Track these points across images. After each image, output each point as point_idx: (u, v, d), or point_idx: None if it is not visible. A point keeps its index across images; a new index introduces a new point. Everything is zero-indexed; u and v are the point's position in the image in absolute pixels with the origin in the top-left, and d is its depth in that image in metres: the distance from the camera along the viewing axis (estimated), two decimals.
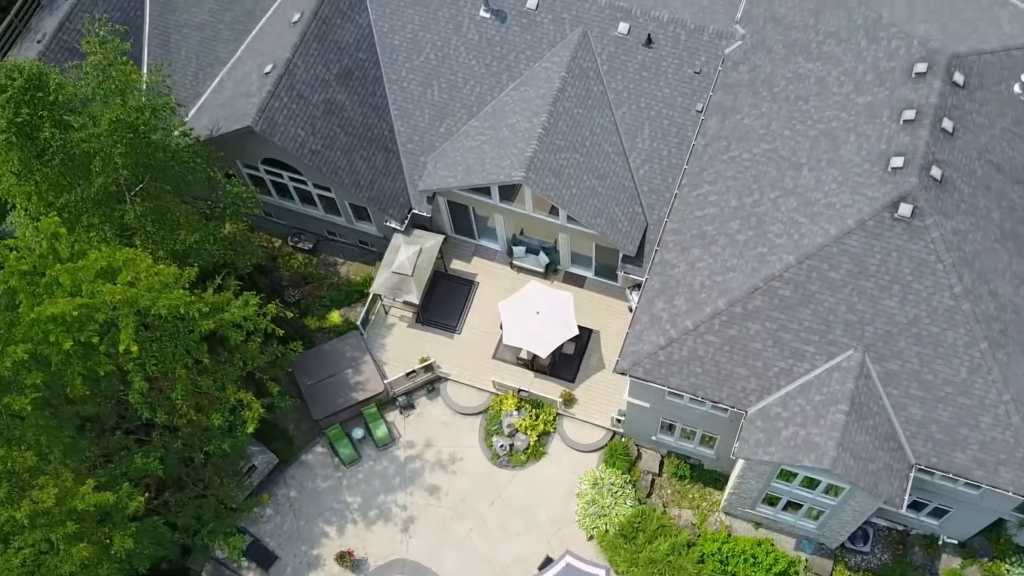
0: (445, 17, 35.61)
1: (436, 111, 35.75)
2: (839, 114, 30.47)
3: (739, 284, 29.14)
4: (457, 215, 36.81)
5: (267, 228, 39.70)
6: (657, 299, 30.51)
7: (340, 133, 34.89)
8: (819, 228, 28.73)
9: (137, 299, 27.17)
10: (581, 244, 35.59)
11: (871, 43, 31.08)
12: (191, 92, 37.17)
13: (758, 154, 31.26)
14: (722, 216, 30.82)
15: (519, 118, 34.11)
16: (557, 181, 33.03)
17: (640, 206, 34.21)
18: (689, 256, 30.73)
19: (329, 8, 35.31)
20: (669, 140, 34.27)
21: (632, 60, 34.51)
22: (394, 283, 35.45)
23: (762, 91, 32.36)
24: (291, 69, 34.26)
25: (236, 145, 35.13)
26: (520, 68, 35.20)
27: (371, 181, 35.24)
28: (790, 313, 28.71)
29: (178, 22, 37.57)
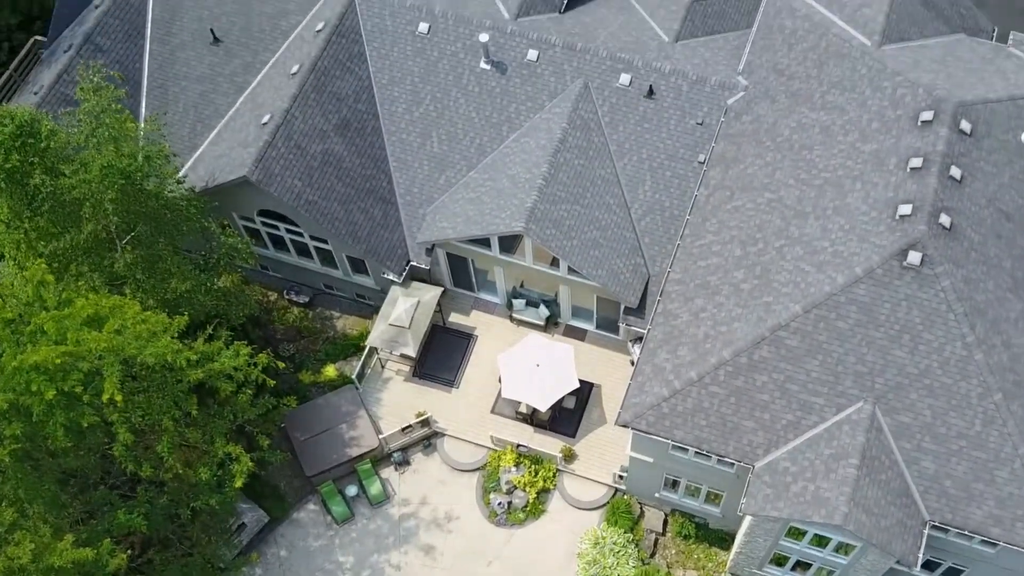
0: (445, 69, 35.37)
1: (435, 163, 35.32)
2: (845, 162, 29.99)
3: (744, 334, 28.35)
4: (456, 267, 36.16)
5: (262, 281, 39.06)
6: (660, 350, 29.70)
7: (337, 184, 34.41)
8: (826, 277, 28.04)
9: (123, 347, 26.35)
10: (582, 296, 34.88)
11: (875, 92, 30.72)
12: (188, 144, 36.79)
13: (762, 203, 30.72)
14: (726, 266, 30.15)
15: (519, 169, 33.66)
16: (558, 232, 32.44)
17: (642, 258, 33.58)
18: (693, 306, 30.00)
19: (328, 60, 35.07)
20: (671, 191, 33.77)
21: (634, 111, 34.17)
22: (391, 336, 34.66)
23: (766, 141, 31.94)
24: (288, 119, 33.89)
25: (232, 196, 34.63)
26: (520, 120, 34.86)
27: (369, 233, 34.66)
28: (797, 364, 27.89)
29: (177, 75, 37.34)
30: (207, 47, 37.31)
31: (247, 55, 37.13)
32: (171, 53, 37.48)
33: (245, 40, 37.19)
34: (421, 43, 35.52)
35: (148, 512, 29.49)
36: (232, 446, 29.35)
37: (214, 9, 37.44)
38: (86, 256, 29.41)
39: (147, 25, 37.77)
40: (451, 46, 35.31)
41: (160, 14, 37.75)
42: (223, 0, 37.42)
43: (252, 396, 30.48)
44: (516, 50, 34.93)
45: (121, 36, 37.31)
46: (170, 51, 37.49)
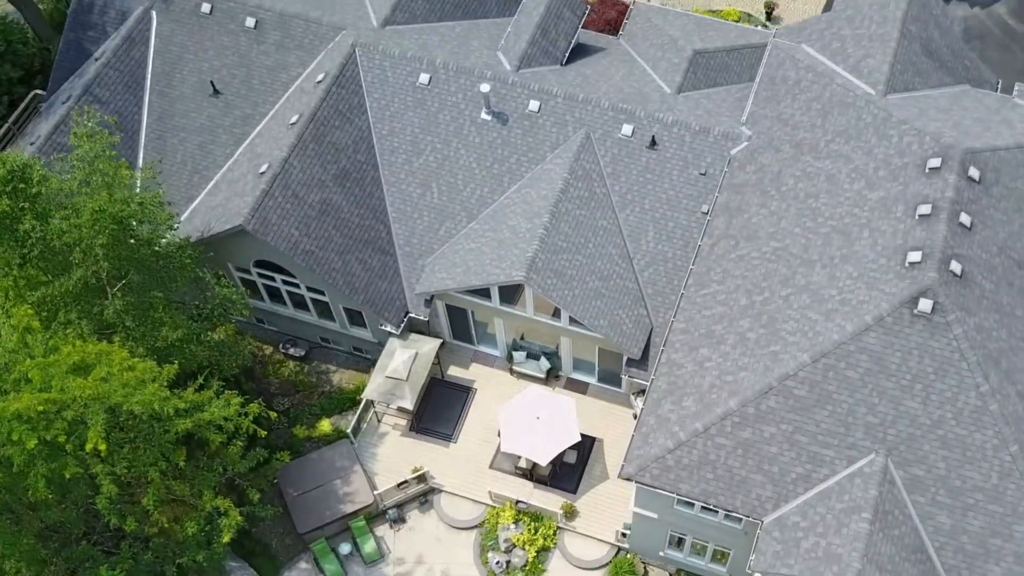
0: (446, 120, 35.06)
1: (435, 213, 34.83)
2: (852, 210, 29.46)
3: (751, 384, 27.53)
4: (455, 319, 35.45)
5: (258, 335, 38.33)
6: (664, 400, 28.85)
7: (335, 234, 33.87)
8: (835, 325, 27.32)
9: (109, 395, 25.49)
10: (584, 348, 34.11)
11: (881, 140, 30.33)
12: (185, 195, 36.37)
13: (767, 252, 30.12)
14: (731, 315, 29.45)
15: (520, 219, 33.14)
16: (559, 282, 31.79)
17: (645, 308, 32.88)
18: (697, 356, 29.21)
19: (328, 110, 34.78)
20: (674, 242, 33.20)
21: (636, 162, 33.76)
22: (388, 388, 33.80)
23: (770, 190, 31.47)
24: (286, 169, 33.47)
25: (228, 246, 34.10)
26: (522, 170, 34.45)
27: (367, 283, 34.01)
28: (806, 415, 27.02)
29: (176, 126, 37.08)
30: (207, 99, 37.10)
31: (247, 107, 36.89)
32: (170, 105, 37.26)
33: (245, 92, 36.99)
34: (421, 94, 35.28)
35: (132, 569, 28.44)
36: (221, 500, 28.34)
37: (214, 62, 37.31)
38: (75, 303, 28.68)
39: (147, 77, 37.61)
40: (452, 97, 35.06)
41: (161, 67, 37.62)
42: (224, 52, 37.31)
43: (243, 448, 29.55)
44: (517, 101, 34.66)
45: (120, 88, 37.12)
46: (169, 103, 37.28)
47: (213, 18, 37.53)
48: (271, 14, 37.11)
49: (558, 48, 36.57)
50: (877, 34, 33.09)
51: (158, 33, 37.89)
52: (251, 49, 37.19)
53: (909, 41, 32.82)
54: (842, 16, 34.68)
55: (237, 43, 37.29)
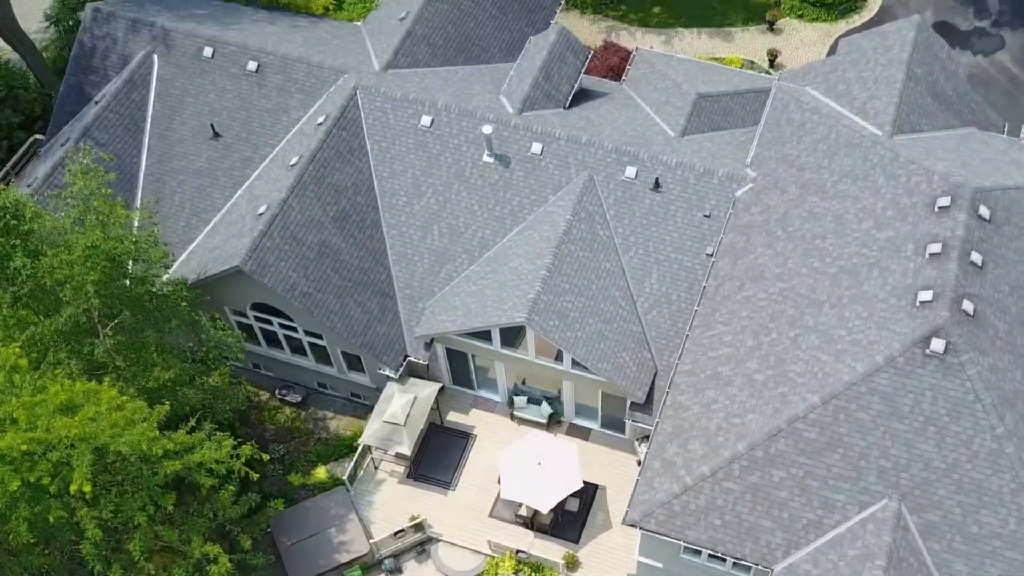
0: (448, 162, 34.70)
1: (436, 256, 34.30)
2: (860, 250, 28.91)
3: (759, 426, 26.73)
4: (455, 363, 34.74)
5: (254, 380, 37.59)
6: (670, 444, 28.02)
7: (334, 276, 33.30)
8: (845, 366, 26.60)
9: (96, 435, 24.68)
10: (586, 393, 33.33)
11: (889, 180, 29.89)
12: (183, 238, 35.91)
13: (774, 293, 29.50)
14: (738, 356, 28.74)
15: (522, 261, 32.60)
16: (561, 324, 31.14)
17: (649, 351, 32.17)
18: (704, 398, 28.45)
19: (328, 152, 34.44)
20: (678, 284, 32.60)
21: (639, 204, 33.31)
22: (385, 433, 32.97)
23: (776, 231, 30.95)
24: (285, 210, 33.02)
25: (225, 288, 33.54)
26: (524, 213, 33.99)
27: (365, 326, 33.37)
28: (817, 458, 26.18)
29: (175, 169, 36.74)
30: (207, 142, 36.82)
31: (247, 149, 36.59)
32: (169, 148, 36.98)
33: (245, 135, 36.71)
34: (423, 136, 34.96)
35: None
36: (211, 546, 27.36)
37: (215, 105, 37.10)
38: (65, 342, 27.97)
39: (147, 120, 37.39)
40: (454, 139, 34.73)
41: (161, 110, 37.41)
42: (224, 96, 37.11)
43: (235, 493, 28.65)
44: (520, 143, 34.32)
45: (120, 131, 36.86)
46: (168, 146, 37.00)
47: (215, 62, 37.39)
48: (273, 58, 36.97)
49: (561, 92, 36.34)
50: (882, 76, 32.84)
51: (159, 76, 37.75)
52: (252, 92, 37.00)
53: (915, 83, 32.55)
54: (846, 59, 34.48)
55: (238, 87, 37.11)
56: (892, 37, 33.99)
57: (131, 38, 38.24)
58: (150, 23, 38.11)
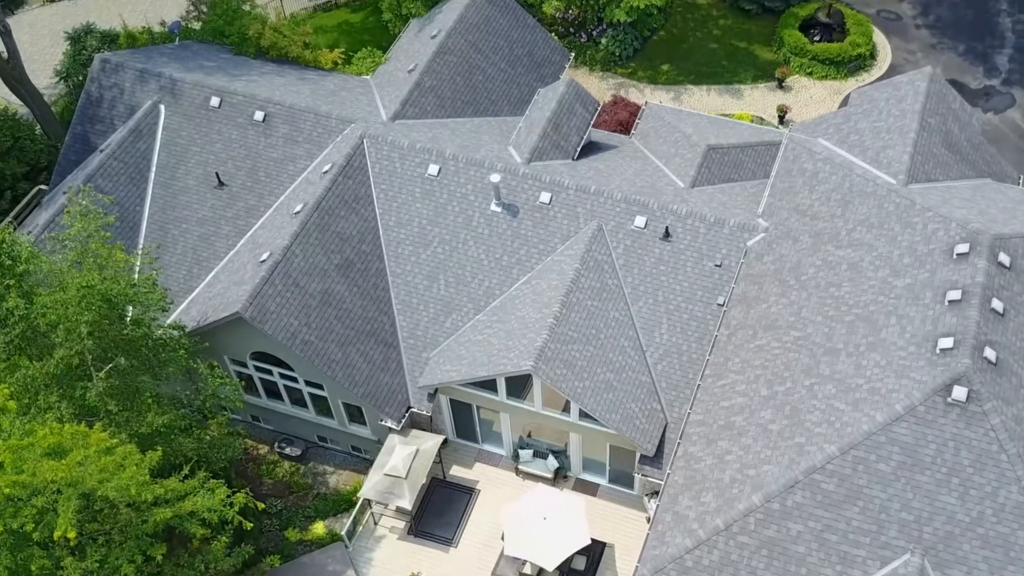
0: (455, 211, 34.20)
1: (442, 305, 33.62)
2: (877, 298, 28.17)
3: (775, 478, 25.72)
4: (459, 416, 33.84)
5: (253, 433, 36.70)
6: (682, 496, 26.98)
7: (337, 325, 32.59)
8: (863, 415, 25.67)
9: (83, 479, 23.72)
10: (594, 446, 32.35)
11: (905, 228, 29.27)
12: (184, 287, 35.30)
13: (788, 342, 28.70)
14: (752, 406, 27.83)
15: (529, 310, 31.89)
16: (569, 373, 30.30)
17: (659, 403, 31.27)
18: (716, 448, 27.48)
19: (333, 199, 34.00)
20: (689, 335, 31.82)
21: (649, 253, 32.68)
22: (386, 486, 31.93)
23: (789, 280, 30.25)
24: (288, 257, 32.45)
25: (224, 336, 32.85)
26: (531, 262, 33.37)
27: (368, 376, 32.55)
28: (836, 511, 25.12)
29: (178, 218, 36.30)
30: (211, 191, 36.43)
31: (251, 198, 36.17)
32: (173, 197, 36.59)
33: (250, 184, 36.33)
34: (430, 185, 34.53)
35: None
36: None
37: (220, 154, 36.80)
38: (56, 385, 27.14)
39: (151, 169, 37.06)
40: (461, 188, 34.29)
41: (166, 159, 37.11)
42: (231, 145, 36.82)
43: (228, 545, 27.57)
44: (528, 192, 33.85)
45: (124, 179, 36.50)
46: (172, 195, 36.61)
47: (222, 112, 37.19)
48: (280, 108, 36.76)
49: (570, 143, 35.98)
50: (896, 126, 32.43)
51: (165, 126, 37.53)
52: (258, 142, 36.71)
53: (929, 133, 32.13)
54: (858, 111, 34.13)
55: (245, 136, 36.84)
56: (904, 88, 33.67)
57: (138, 88, 38.11)
58: (158, 73, 38.00)
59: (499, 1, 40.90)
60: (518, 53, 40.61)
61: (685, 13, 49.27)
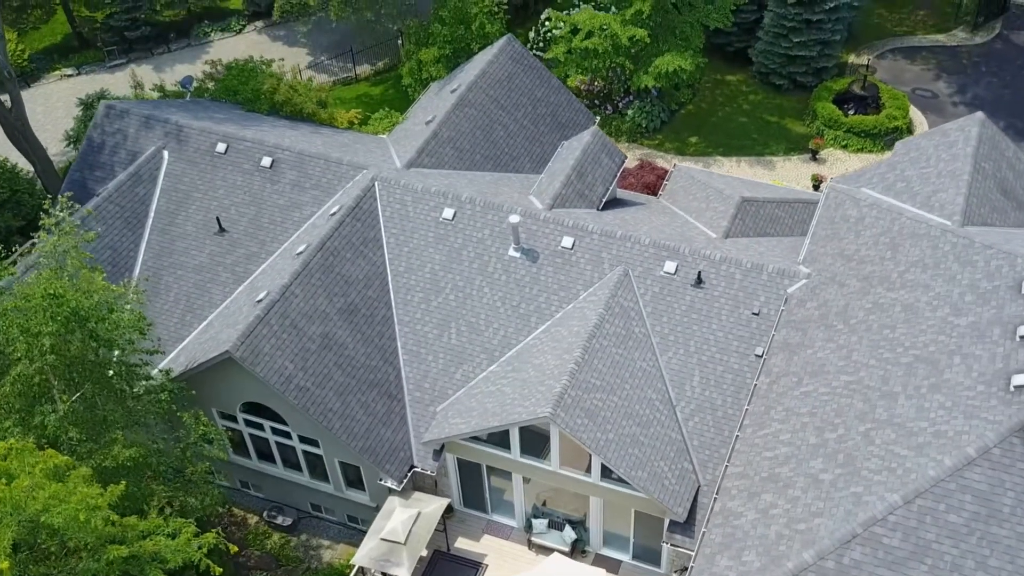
0: (470, 256, 31.70)
1: (452, 356, 30.77)
2: (937, 338, 25.18)
3: (829, 531, 22.29)
4: (467, 481, 30.61)
5: (241, 502, 33.46)
6: (720, 556, 23.49)
7: (336, 372, 29.74)
8: (929, 460, 22.40)
9: (24, 503, 20.56)
10: (617, 514, 28.92)
11: (965, 266, 26.50)
12: (174, 335, 32.62)
13: (838, 387, 25.61)
14: (799, 455, 24.57)
15: (548, 357, 29.00)
16: (590, 423, 27.19)
17: (690, 463, 27.99)
18: (759, 503, 24.10)
19: (339, 241, 31.62)
20: (724, 388, 28.75)
21: (680, 301, 29.93)
22: (382, 553, 28.46)
23: (837, 324, 27.35)
24: (287, 297, 29.88)
25: (212, 385, 30.07)
26: (551, 310, 30.64)
27: (368, 429, 29.49)
28: (901, 570, 21.59)
29: (173, 264, 33.94)
30: (210, 237, 34.15)
31: (253, 245, 33.83)
32: (170, 243, 34.31)
33: (253, 231, 34.06)
34: (444, 229, 32.15)
35: None
36: None
37: (223, 200, 34.68)
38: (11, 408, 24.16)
39: (149, 216, 34.92)
40: (477, 232, 31.88)
41: (166, 205, 35.02)
42: (234, 191, 34.75)
43: None
44: (549, 237, 31.37)
45: (119, 223, 34.33)
46: (169, 240, 34.34)
47: (227, 158, 35.27)
48: (289, 154, 34.80)
49: (595, 193, 33.71)
50: (947, 171, 30.04)
51: (168, 172, 35.59)
52: (264, 188, 34.62)
53: (983, 177, 29.70)
54: (904, 159, 31.82)
55: (250, 182, 34.79)
56: (954, 134, 31.41)
57: (143, 134, 36.35)
58: (164, 119, 36.31)
59: (523, 60, 39.33)
60: (541, 112, 38.79)
61: (714, 89, 47.72)
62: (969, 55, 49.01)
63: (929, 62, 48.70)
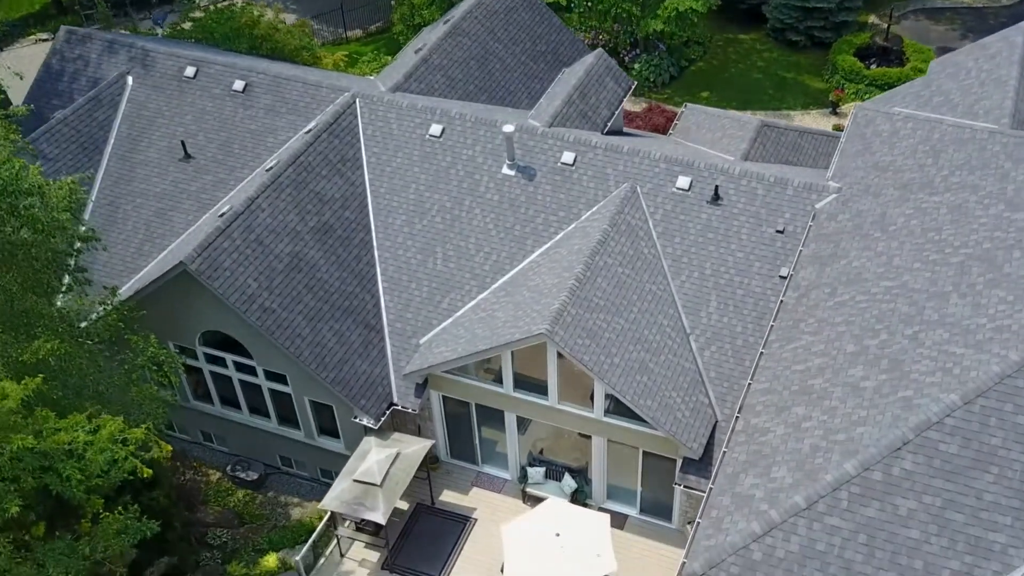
0: (459, 175, 28.49)
1: (438, 283, 27.43)
2: (992, 234, 21.89)
3: (875, 440, 18.84)
4: (455, 427, 27.16)
5: (202, 457, 29.99)
6: (744, 475, 20.00)
7: (307, 295, 26.41)
8: (991, 356, 19.02)
9: None
10: (623, 461, 25.40)
11: (1018, 163, 23.29)
12: (131, 266, 29.31)
13: (878, 293, 22.24)
14: (835, 365, 21.13)
15: (546, 278, 25.68)
16: (592, 344, 23.79)
17: (706, 396, 24.54)
18: (790, 416, 20.65)
19: (315, 157, 28.45)
20: (744, 314, 25.37)
21: (694, 219, 26.64)
22: (355, 496, 24.92)
23: (874, 233, 24.04)
24: (253, 210, 26.66)
25: (169, 312, 26.77)
26: (550, 231, 27.35)
27: (341, 360, 26.09)
28: (961, 481, 18.12)
29: (133, 191, 30.68)
30: (174, 163, 30.90)
31: (221, 172, 30.58)
32: (130, 170, 31.08)
33: (222, 157, 30.83)
34: (431, 147, 28.97)
35: None
36: None
37: (191, 126, 31.49)
38: None
39: (108, 142, 31.72)
40: (468, 149, 28.69)
41: (127, 131, 31.83)
42: (203, 117, 31.57)
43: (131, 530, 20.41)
44: (548, 153, 28.17)
45: (74, 147, 31.15)
46: (129, 168, 31.12)
47: (196, 82, 32.14)
48: (264, 77, 31.67)
49: (599, 115, 30.56)
50: (991, 79, 27.01)
51: (131, 97, 32.43)
52: (236, 113, 31.43)
53: None
54: (941, 75, 28.79)
55: (220, 108, 31.62)
56: (995, 46, 28.39)
57: (106, 60, 33.26)
58: (130, 43, 33.32)
59: None
60: (541, 49, 35.73)
61: (726, 47, 44.82)
62: (996, 16, 46.18)
63: (954, 23, 45.91)
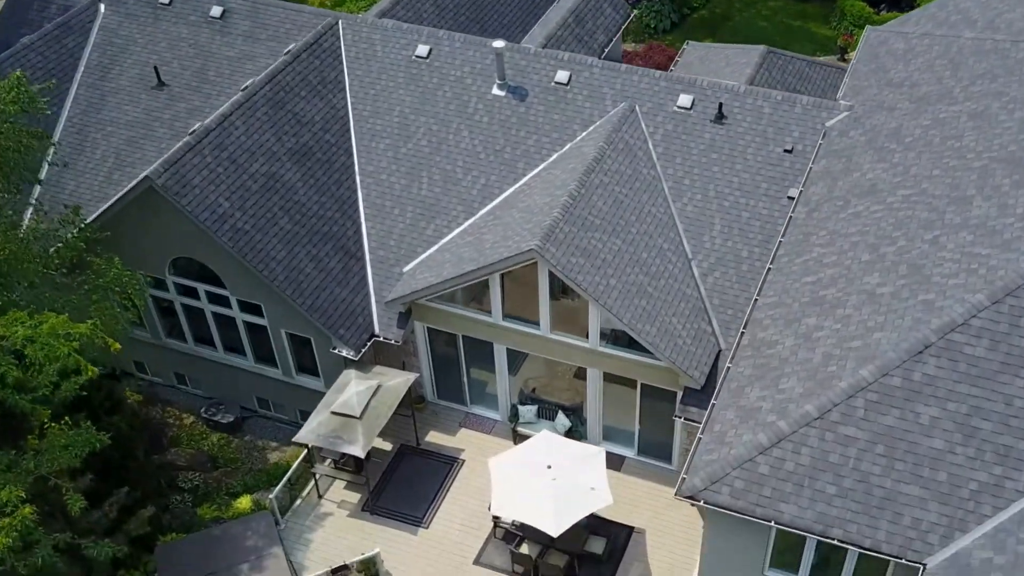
0: (446, 96, 26.84)
1: (423, 209, 25.79)
2: (1017, 137, 20.26)
3: (893, 344, 17.20)
4: (441, 367, 25.52)
5: (176, 400, 28.36)
6: (750, 388, 18.35)
7: (282, 217, 24.77)
8: (1020, 254, 17.36)
9: None
10: (620, 398, 23.73)
11: None
12: (99, 194, 27.63)
13: (895, 202, 20.60)
14: (849, 275, 19.49)
15: (537, 198, 24.05)
16: (587, 263, 22.14)
17: (709, 323, 22.88)
18: (800, 328, 19.00)
19: (293, 77, 26.82)
20: (750, 237, 23.71)
21: (697, 139, 24.98)
22: (332, 428, 23.25)
23: (889, 145, 22.41)
24: (226, 127, 25.04)
25: (136, 238, 25.12)
26: (543, 153, 25.70)
27: (319, 286, 24.44)
28: (988, 386, 16.49)
29: (102, 120, 29.00)
30: (147, 91, 29.23)
31: (197, 99, 28.90)
32: (100, 98, 29.38)
33: (196, 84, 29.15)
34: (417, 68, 27.32)
35: None
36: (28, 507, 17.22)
37: (165, 54, 29.80)
38: None
39: (78, 69, 30.01)
40: (456, 70, 27.05)
41: (98, 59, 30.12)
42: (178, 44, 29.90)
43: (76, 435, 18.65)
44: (541, 72, 26.51)
45: (40, 73, 29.30)
46: (100, 96, 29.42)
47: (172, 9, 30.46)
48: (243, 3, 30.00)
49: (595, 40, 29.04)
50: None
51: (103, 25, 30.74)
52: (212, 40, 29.74)
53: None
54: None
55: (196, 35, 29.93)
56: None
57: None
58: None
59: None
60: None
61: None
62: None
63: None
